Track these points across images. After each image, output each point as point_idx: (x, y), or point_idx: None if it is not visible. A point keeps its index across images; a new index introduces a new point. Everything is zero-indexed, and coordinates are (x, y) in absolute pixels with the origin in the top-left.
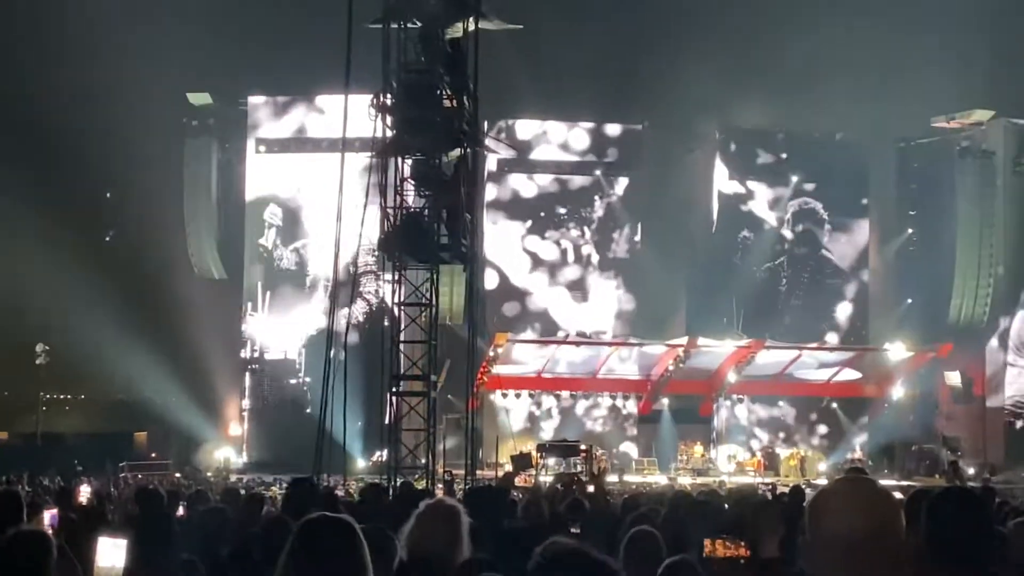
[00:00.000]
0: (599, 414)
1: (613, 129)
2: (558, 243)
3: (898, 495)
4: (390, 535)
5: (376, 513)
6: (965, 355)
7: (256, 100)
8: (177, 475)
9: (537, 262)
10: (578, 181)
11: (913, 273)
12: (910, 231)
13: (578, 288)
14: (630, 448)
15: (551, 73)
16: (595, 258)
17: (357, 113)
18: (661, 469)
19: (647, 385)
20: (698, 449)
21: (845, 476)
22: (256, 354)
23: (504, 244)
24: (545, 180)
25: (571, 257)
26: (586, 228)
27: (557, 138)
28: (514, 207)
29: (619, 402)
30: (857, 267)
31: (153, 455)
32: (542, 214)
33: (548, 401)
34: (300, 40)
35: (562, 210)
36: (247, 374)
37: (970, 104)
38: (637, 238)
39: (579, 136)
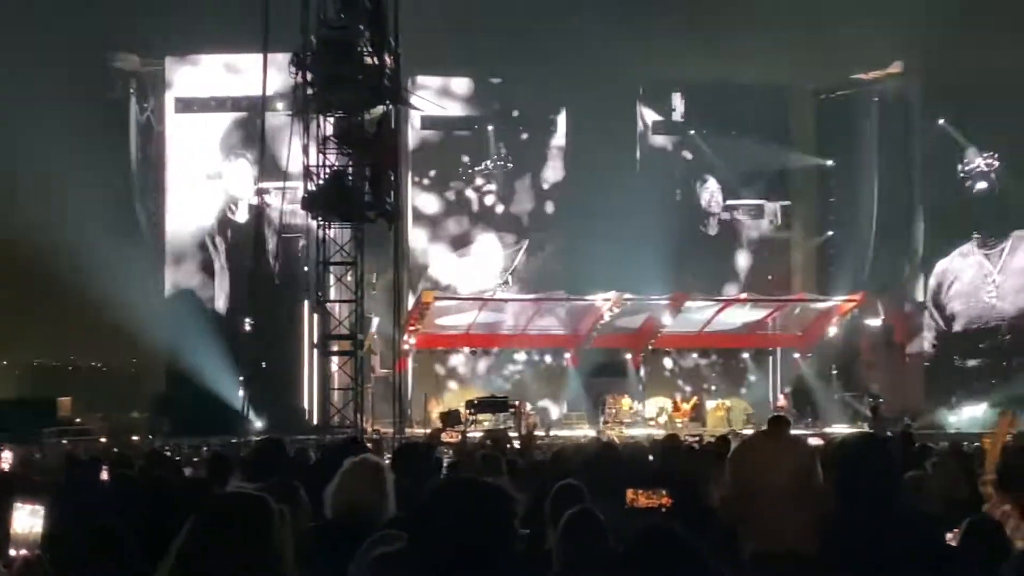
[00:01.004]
0: (515, 369)
1: (522, 82)
2: (461, 193)
3: (818, 442)
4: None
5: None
6: (886, 303)
7: (175, 59)
8: (102, 439)
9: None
10: (482, 134)
11: (832, 226)
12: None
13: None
14: (560, 402)
15: (463, 26)
16: (499, 209)
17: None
18: (590, 423)
19: (575, 340)
20: (626, 402)
21: (763, 428)
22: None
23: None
24: (448, 133)
25: (475, 207)
26: (492, 181)
27: (463, 91)
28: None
29: (545, 357)
30: (774, 219)
31: (77, 420)
32: (447, 166)
33: (455, 359)
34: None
35: (466, 159)
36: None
37: (890, 57)
38: (545, 187)
39: (486, 89)
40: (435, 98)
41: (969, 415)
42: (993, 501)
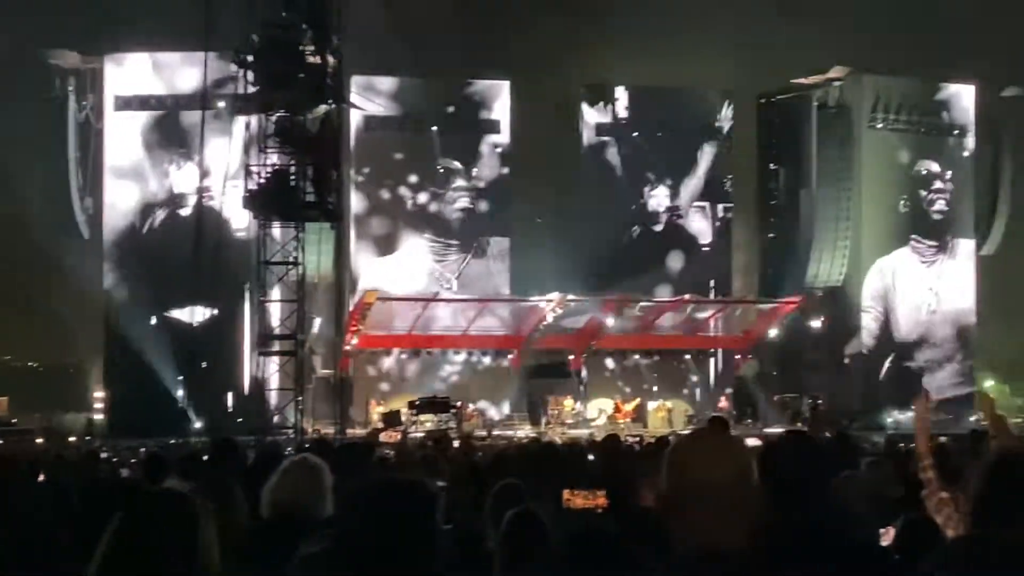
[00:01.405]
0: (451, 371)
1: (462, 81)
2: (395, 192)
3: (758, 443)
4: (235, 491)
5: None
6: (826, 306)
7: (114, 56)
8: (39, 440)
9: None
10: (422, 133)
11: (774, 229)
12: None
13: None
14: (502, 403)
15: (410, 27)
16: (433, 208)
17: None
18: (532, 424)
19: (518, 341)
20: (568, 403)
21: (700, 427)
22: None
23: None
24: (385, 131)
25: (408, 207)
26: (431, 180)
27: (403, 90)
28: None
29: (484, 358)
30: (714, 222)
31: (14, 420)
32: (383, 165)
33: (389, 361)
34: None
35: (399, 156)
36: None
37: (830, 61)
38: (482, 185)
39: (425, 88)
40: (375, 97)
41: (907, 417)
42: (932, 488)
